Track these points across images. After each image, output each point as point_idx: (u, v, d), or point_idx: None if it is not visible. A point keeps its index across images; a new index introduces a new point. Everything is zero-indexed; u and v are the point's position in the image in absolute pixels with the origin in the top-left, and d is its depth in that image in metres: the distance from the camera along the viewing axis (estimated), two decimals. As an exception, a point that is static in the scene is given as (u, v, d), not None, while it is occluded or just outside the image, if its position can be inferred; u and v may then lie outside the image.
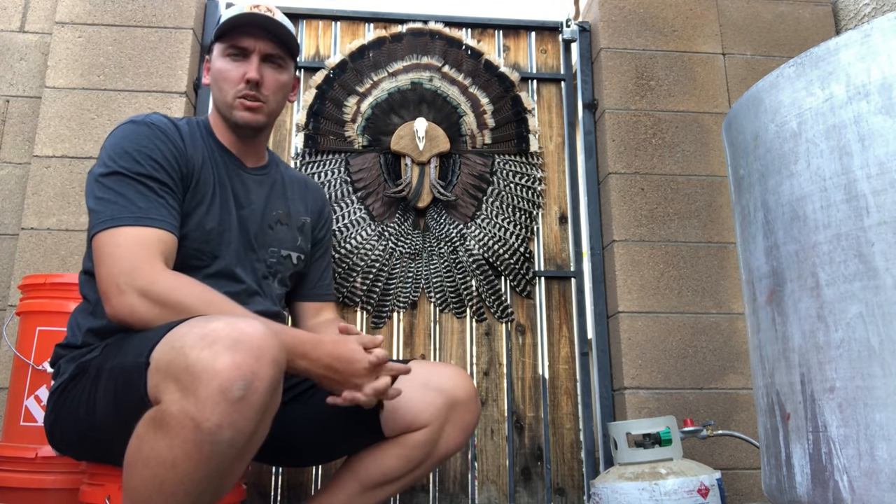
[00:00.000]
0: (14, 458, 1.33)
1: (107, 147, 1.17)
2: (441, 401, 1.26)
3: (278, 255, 1.35)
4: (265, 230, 1.34)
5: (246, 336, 0.87)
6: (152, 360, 0.92)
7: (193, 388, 0.84)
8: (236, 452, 0.88)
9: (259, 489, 1.80)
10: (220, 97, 1.29)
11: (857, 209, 0.84)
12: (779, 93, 0.96)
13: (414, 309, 1.98)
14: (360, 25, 2.19)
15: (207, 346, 0.86)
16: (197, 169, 1.22)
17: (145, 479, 0.87)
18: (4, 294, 1.82)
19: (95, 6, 1.97)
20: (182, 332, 0.91)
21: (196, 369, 0.84)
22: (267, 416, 0.91)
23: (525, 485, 1.89)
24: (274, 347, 0.89)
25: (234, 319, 0.90)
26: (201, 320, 0.92)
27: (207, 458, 0.85)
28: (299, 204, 1.44)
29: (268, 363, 0.88)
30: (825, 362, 0.86)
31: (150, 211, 1.11)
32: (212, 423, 0.83)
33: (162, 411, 0.86)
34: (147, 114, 1.23)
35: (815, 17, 2.21)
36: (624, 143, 2.01)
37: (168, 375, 0.87)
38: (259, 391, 0.86)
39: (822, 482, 0.86)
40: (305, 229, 1.43)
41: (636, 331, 1.87)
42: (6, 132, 1.94)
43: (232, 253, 1.25)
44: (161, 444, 0.85)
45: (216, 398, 0.83)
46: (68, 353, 1.16)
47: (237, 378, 0.84)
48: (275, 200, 1.37)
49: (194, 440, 0.84)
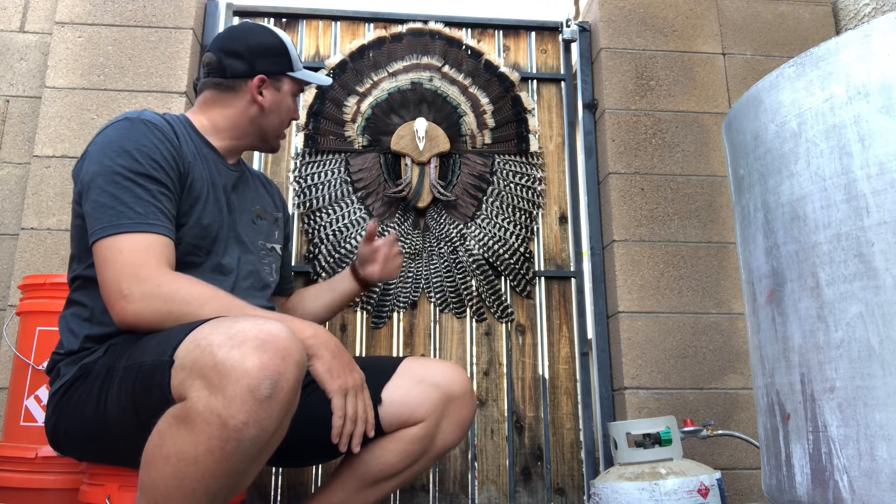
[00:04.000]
0: (14, 458, 1.33)
1: (101, 144, 1.15)
2: (437, 395, 1.27)
3: (266, 247, 1.39)
4: (252, 225, 1.37)
5: (273, 337, 0.90)
6: (176, 358, 0.93)
7: (222, 386, 0.86)
8: (257, 451, 0.90)
9: (259, 489, 1.80)
10: (275, 124, 1.39)
11: (857, 209, 0.84)
12: (779, 93, 0.96)
13: (414, 309, 1.98)
14: (360, 25, 2.19)
15: (236, 345, 0.88)
16: (191, 166, 1.23)
17: (166, 475, 0.88)
18: (4, 294, 1.82)
19: (95, 6, 1.97)
20: (207, 331, 0.93)
21: (225, 367, 0.86)
22: (288, 416, 0.94)
23: (525, 485, 1.89)
24: (299, 350, 0.93)
25: (260, 320, 0.93)
26: (227, 320, 0.94)
27: (230, 455, 0.87)
28: (269, 200, 1.48)
29: (293, 364, 0.91)
30: (825, 362, 0.86)
31: (149, 216, 1.11)
32: (238, 421, 0.85)
33: (187, 408, 0.88)
34: (140, 110, 1.22)
35: (815, 17, 2.21)
36: (624, 143, 2.01)
37: (194, 373, 0.89)
38: (285, 390, 0.89)
39: (822, 482, 0.86)
40: (279, 224, 1.48)
41: (636, 331, 1.87)
42: (6, 132, 1.94)
43: (227, 247, 1.27)
44: (185, 440, 0.87)
45: (244, 396, 0.86)
46: (67, 357, 1.15)
47: (265, 377, 0.87)
48: (253, 196, 1.41)
49: (220, 437, 0.85)
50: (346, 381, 1.13)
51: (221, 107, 1.35)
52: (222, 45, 1.36)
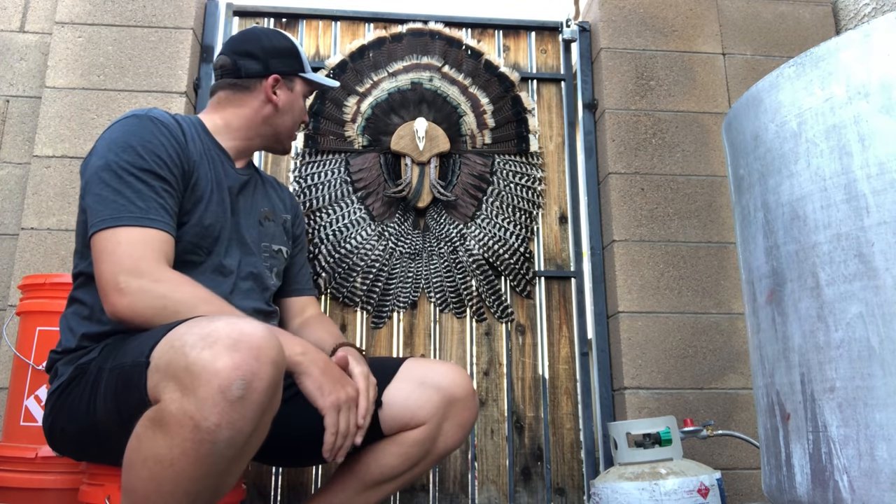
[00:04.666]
0: (14, 458, 1.33)
1: (108, 140, 1.16)
2: (438, 398, 1.27)
3: (271, 249, 1.39)
4: (257, 227, 1.37)
5: (246, 336, 0.87)
6: (152, 360, 0.92)
7: (193, 388, 0.84)
8: (234, 452, 0.88)
9: (259, 489, 1.80)
10: (288, 124, 1.41)
11: (857, 209, 0.84)
12: (779, 93, 0.96)
13: (414, 309, 1.98)
14: (360, 25, 2.19)
15: (208, 346, 0.86)
16: (196, 165, 1.24)
17: (144, 478, 0.87)
18: (4, 294, 1.82)
19: (95, 6, 1.97)
20: (182, 331, 0.91)
21: (196, 369, 0.84)
22: (266, 417, 0.91)
23: (525, 485, 1.89)
24: (274, 348, 0.90)
25: (235, 319, 0.91)
26: (202, 320, 0.92)
27: (206, 457, 0.85)
28: (278, 202, 1.49)
29: (268, 363, 0.88)
30: (825, 362, 0.86)
31: (150, 212, 1.11)
32: (210, 423, 0.83)
33: (161, 410, 0.87)
34: (149, 108, 1.23)
35: (815, 17, 2.21)
36: (624, 143, 2.01)
37: (168, 375, 0.87)
38: (258, 391, 0.86)
39: (822, 482, 0.86)
40: (287, 226, 1.49)
41: (636, 331, 1.87)
42: (6, 132, 1.94)
43: (228, 248, 1.27)
44: (160, 443, 0.86)
45: (215, 398, 0.83)
46: (64, 356, 1.16)
47: (236, 378, 0.84)
48: (261, 199, 1.42)
49: (193, 439, 0.84)
50: (339, 397, 1.09)
51: (236, 106, 1.36)
52: (235, 47, 1.38)
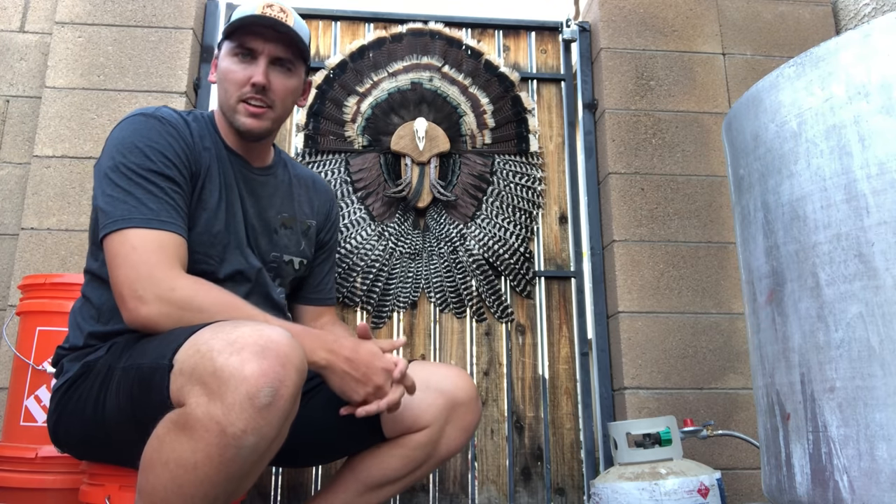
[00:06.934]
0: (14, 458, 1.33)
1: (115, 139, 1.14)
2: (442, 402, 1.26)
3: (280, 259, 1.33)
4: (269, 235, 1.32)
5: (273, 343, 0.88)
6: (176, 363, 0.92)
7: (221, 393, 0.85)
8: (257, 458, 0.89)
9: (259, 489, 1.80)
10: (225, 98, 1.24)
11: (857, 209, 0.84)
12: (779, 93, 0.96)
13: (414, 309, 1.98)
14: (360, 25, 2.19)
15: (236, 351, 0.86)
16: (205, 168, 1.20)
17: (164, 480, 0.88)
18: (4, 294, 1.82)
19: (95, 6, 1.97)
20: (207, 336, 0.91)
21: (224, 374, 0.85)
22: (288, 422, 0.92)
23: (525, 485, 1.89)
24: (299, 355, 0.91)
25: (260, 325, 0.92)
26: (227, 325, 0.92)
27: (229, 462, 0.86)
28: (305, 206, 1.41)
29: (293, 370, 0.89)
30: (825, 362, 0.86)
31: (161, 213, 1.09)
32: (237, 429, 0.84)
33: (186, 414, 0.87)
34: (157, 107, 1.20)
35: (815, 17, 2.21)
36: (624, 143, 2.01)
37: (193, 379, 0.88)
38: (284, 398, 0.88)
39: (822, 482, 0.86)
40: (310, 233, 1.41)
41: (636, 331, 1.87)
42: (6, 132, 1.94)
43: (236, 257, 1.23)
44: (184, 446, 0.86)
45: (243, 404, 0.84)
46: (71, 353, 1.15)
47: (264, 385, 0.85)
48: (280, 203, 1.35)
49: (218, 444, 0.85)
50: (367, 391, 1.10)
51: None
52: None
